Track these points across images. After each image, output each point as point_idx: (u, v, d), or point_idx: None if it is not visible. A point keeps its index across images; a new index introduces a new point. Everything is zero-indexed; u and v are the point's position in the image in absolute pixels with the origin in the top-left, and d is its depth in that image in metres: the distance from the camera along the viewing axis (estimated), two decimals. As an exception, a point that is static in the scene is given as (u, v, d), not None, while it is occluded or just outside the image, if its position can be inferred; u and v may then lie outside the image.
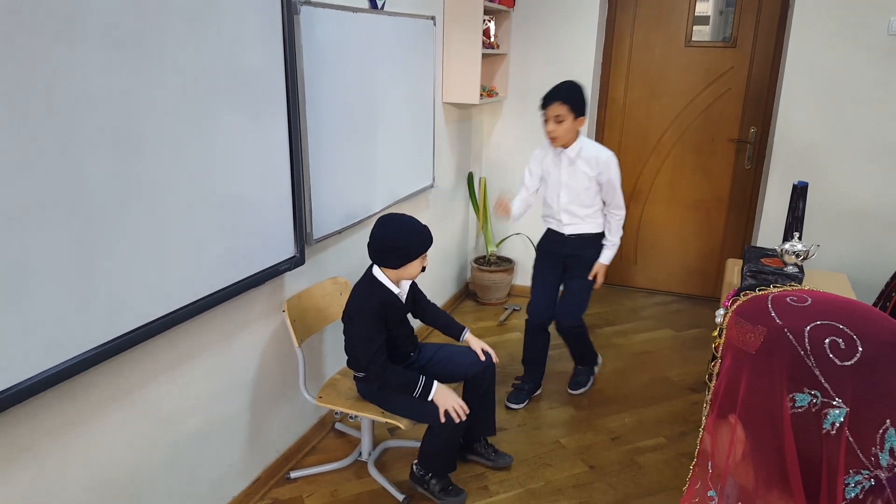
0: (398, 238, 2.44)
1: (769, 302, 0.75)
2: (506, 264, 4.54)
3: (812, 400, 0.69)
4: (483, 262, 4.54)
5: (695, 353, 3.88)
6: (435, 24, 3.55)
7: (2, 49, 1.41)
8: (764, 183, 4.15)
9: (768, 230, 4.05)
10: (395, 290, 2.52)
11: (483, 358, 2.66)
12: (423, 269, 2.55)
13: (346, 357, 2.59)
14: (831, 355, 0.69)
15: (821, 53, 3.71)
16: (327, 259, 2.88)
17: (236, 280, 2.24)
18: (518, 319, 4.26)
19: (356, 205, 2.98)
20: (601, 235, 3.13)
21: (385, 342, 2.43)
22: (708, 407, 0.81)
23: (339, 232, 2.86)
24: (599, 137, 4.63)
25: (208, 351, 2.27)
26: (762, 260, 2.70)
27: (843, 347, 0.69)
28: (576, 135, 2.97)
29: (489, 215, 4.58)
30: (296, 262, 2.52)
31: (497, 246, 4.63)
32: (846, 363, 0.68)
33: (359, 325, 2.44)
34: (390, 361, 2.43)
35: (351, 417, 2.96)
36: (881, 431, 0.68)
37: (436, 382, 2.40)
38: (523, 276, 4.56)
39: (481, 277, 4.46)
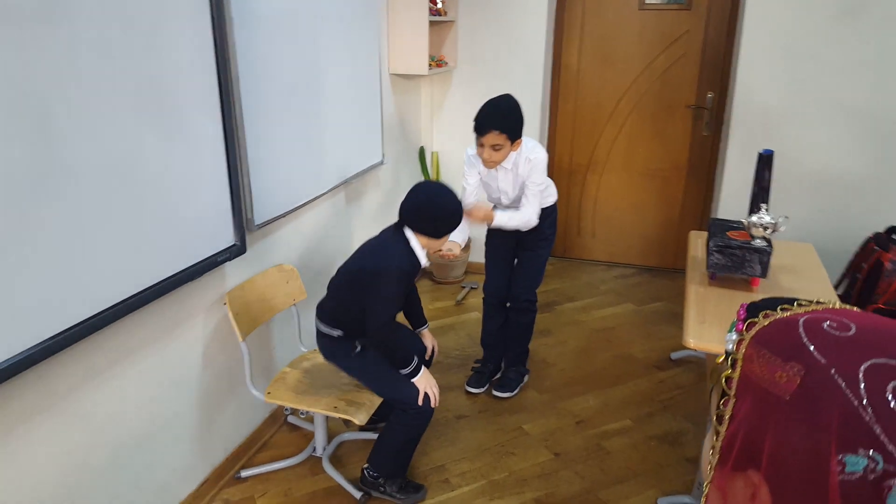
0: (447, 207, 2.30)
1: (801, 329, 0.58)
2: (462, 241, 4.40)
3: (869, 465, 0.51)
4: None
5: (658, 328, 3.81)
6: (380, -9, 3.35)
7: None
8: (723, 150, 4.08)
9: (729, 199, 3.99)
10: (423, 260, 2.37)
11: (429, 353, 2.64)
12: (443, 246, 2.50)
13: (325, 311, 2.41)
14: None
15: (778, 13, 3.62)
16: (272, 245, 2.70)
17: (169, 275, 2.05)
18: (476, 298, 4.14)
19: (301, 187, 2.79)
20: (551, 208, 2.98)
21: None
22: (716, 455, 0.63)
23: (284, 216, 2.68)
24: (553, 107, 4.50)
25: (144, 350, 2.09)
26: (728, 233, 2.61)
27: None
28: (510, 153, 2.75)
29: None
30: (236, 250, 2.34)
31: (453, 222, 4.48)
32: None
33: (388, 284, 2.27)
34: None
35: (302, 414, 2.82)
36: None
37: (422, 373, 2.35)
38: (479, 254, 4.42)
39: (436, 255, 4.31)
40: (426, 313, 3.90)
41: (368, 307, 2.29)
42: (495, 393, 3.15)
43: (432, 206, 2.30)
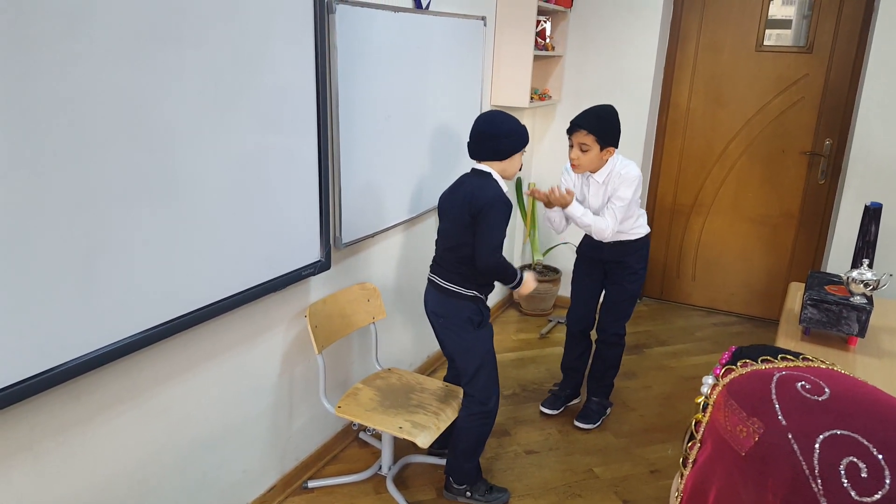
0: (507, 124, 2.40)
1: (773, 385, 0.55)
2: (552, 274, 4.37)
3: None
4: (528, 270, 4.37)
5: (751, 379, 3.60)
6: (485, 25, 3.42)
7: (9, 36, 1.37)
8: (838, 200, 3.84)
9: (840, 252, 3.74)
10: (504, 187, 2.44)
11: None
12: (520, 167, 2.52)
13: (449, 271, 2.48)
14: (847, 484, 0.48)
15: (907, 61, 3.39)
16: (357, 263, 2.79)
17: (256, 284, 2.17)
18: (561, 333, 4.08)
19: (391, 209, 2.88)
20: (642, 241, 2.96)
21: None
22: (679, 499, 0.62)
23: (371, 236, 2.77)
24: (659, 144, 4.40)
25: (226, 354, 2.21)
26: (826, 287, 2.45)
27: (864, 476, 0.49)
28: (602, 163, 2.77)
29: (537, 223, 4.41)
30: (321, 266, 2.44)
31: (544, 255, 4.45)
32: (865, 500, 0.48)
33: (497, 213, 2.35)
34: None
35: (368, 431, 2.87)
36: None
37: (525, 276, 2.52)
38: (568, 288, 4.37)
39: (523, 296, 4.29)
40: (510, 343, 3.93)
41: (480, 238, 2.36)
42: (577, 423, 3.13)
43: (493, 127, 2.39)
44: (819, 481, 0.50)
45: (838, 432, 0.51)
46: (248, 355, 2.31)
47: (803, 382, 0.55)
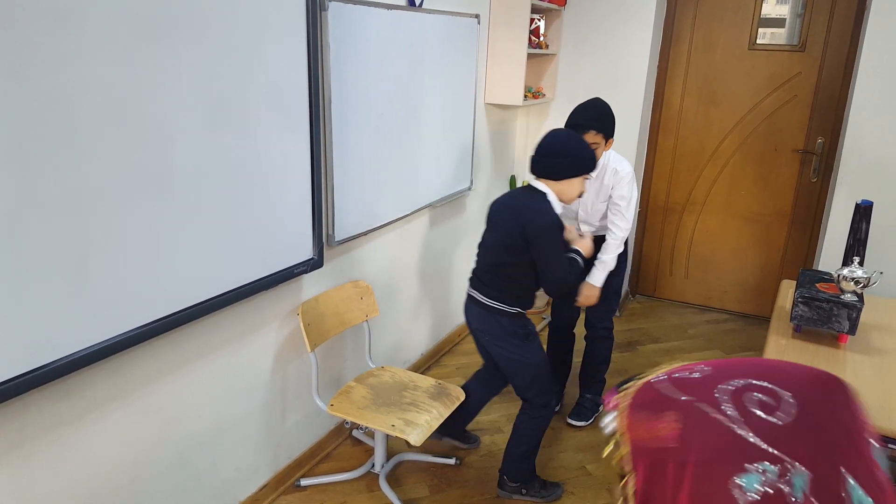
0: (571, 145, 2.33)
1: (661, 385, 0.63)
2: (547, 272, 4.37)
3: (763, 478, 0.54)
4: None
5: (743, 377, 3.62)
6: (479, 23, 3.42)
7: (2, 33, 1.36)
8: (830, 198, 3.85)
9: (832, 250, 3.75)
10: (558, 209, 2.36)
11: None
12: (581, 195, 2.42)
13: (491, 288, 2.43)
14: (763, 414, 0.57)
15: (898, 60, 3.40)
16: (350, 261, 2.79)
17: (248, 281, 2.17)
18: (556, 331, 4.08)
19: (385, 207, 2.88)
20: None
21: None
22: None
23: (365, 234, 2.76)
24: (652, 143, 4.41)
25: (217, 352, 2.21)
26: (817, 285, 2.47)
27: (772, 403, 0.58)
28: (599, 156, 2.78)
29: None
30: (313, 264, 2.44)
31: (539, 253, 4.45)
32: (784, 419, 0.57)
33: (555, 240, 2.31)
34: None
35: (363, 429, 2.87)
36: (843, 489, 0.55)
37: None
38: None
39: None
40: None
41: (546, 268, 2.32)
42: (570, 421, 3.16)
43: (551, 144, 2.34)
44: (741, 423, 0.58)
45: (730, 385, 0.60)
46: (241, 353, 2.31)
47: (678, 373, 0.65)
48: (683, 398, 0.60)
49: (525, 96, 3.74)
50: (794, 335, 2.42)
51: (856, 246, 2.47)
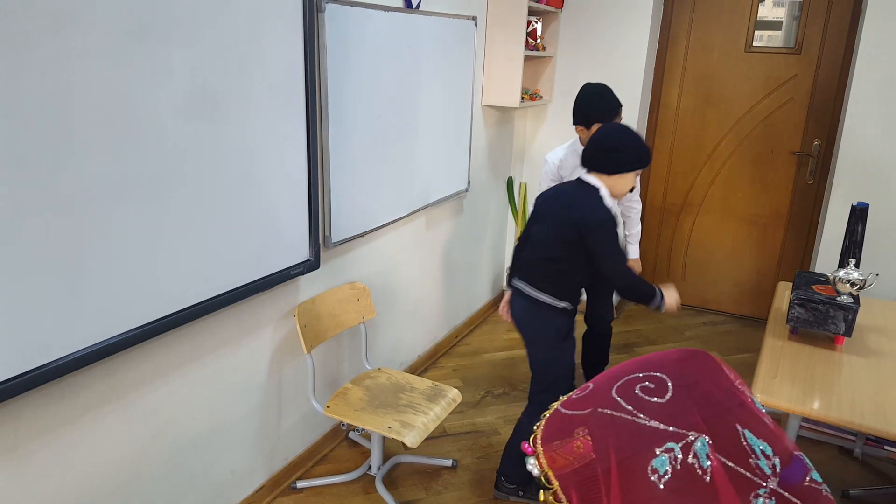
0: (625, 139, 2.29)
1: (561, 411, 0.70)
2: (544, 274, 4.37)
3: (671, 456, 0.61)
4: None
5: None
6: (476, 25, 3.42)
7: (-21, 38, 1.36)
8: (826, 200, 3.86)
9: (829, 252, 3.76)
10: (610, 203, 2.33)
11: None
12: (631, 190, 2.39)
13: (538, 279, 2.42)
14: (651, 398, 0.65)
15: (894, 61, 3.41)
16: (347, 262, 2.78)
17: (244, 283, 2.16)
18: (553, 333, 4.08)
19: (382, 208, 2.87)
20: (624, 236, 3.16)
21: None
22: None
23: (361, 235, 2.76)
24: (649, 144, 4.41)
25: (213, 354, 2.20)
26: (813, 287, 2.47)
27: (653, 387, 0.65)
28: None
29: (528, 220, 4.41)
30: (309, 266, 2.43)
31: (536, 255, 4.46)
32: (668, 397, 0.64)
33: (609, 230, 2.27)
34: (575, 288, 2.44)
35: (358, 431, 2.87)
36: (743, 440, 0.62)
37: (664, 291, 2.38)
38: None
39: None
40: (500, 343, 3.93)
41: (602, 257, 2.28)
42: None
43: (605, 137, 2.30)
44: (639, 413, 0.64)
45: (617, 383, 0.67)
46: (236, 355, 2.30)
47: (573, 395, 0.73)
48: (584, 412, 0.67)
49: (522, 98, 3.74)
50: (790, 337, 2.43)
51: (852, 248, 2.47)
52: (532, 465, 0.72)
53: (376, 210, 2.84)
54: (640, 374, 0.66)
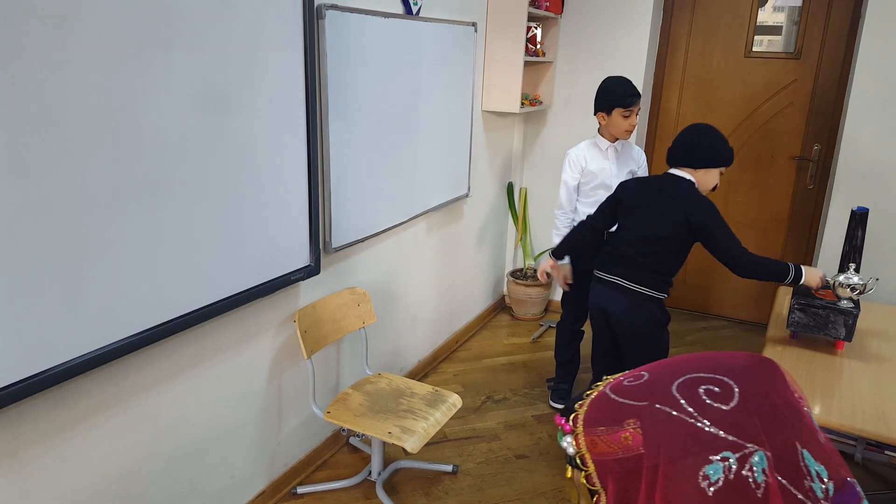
0: (711, 135, 2.42)
1: (610, 396, 0.65)
2: (544, 279, 4.37)
3: (726, 465, 0.58)
4: (520, 275, 4.38)
5: (741, 383, 3.62)
6: (476, 31, 3.43)
7: (-20, 45, 1.37)
8: (826, 205, 3.86)
9: (829, 256, 3.76)
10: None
11: None
12: (715, 188, 2.52)
13: (644, 275, 2.51)
14: (715, 403, 0.60)
15: (893, 66, 3.42)
16: (347, 268, 2.79)
17: (244, 288, 2.17)
18: (552, 338, 4.08)
19: (382, 214, 2.88)
20: None
21: None
22: None
23: (362, 241, 2.76)
24: (650, 150, 4.42)
25: (213, 359, 2.20)
26: (814, 291, 2.47)
27: (719, 391, 0.61)
28: None
29: (529, 227, 4.42)
30: (310, 271, 2.43)
31: (535, 259, 4.46)
32: (732, 405, 0.60)
33: (723, 222, 2.39)
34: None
35: (358, 436, 2.87)
36: (801, 460, 0.59)
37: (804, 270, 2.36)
38: (559, 292, 4.38)
39: (517, 291, 4.31)
40: (501, 348, 3.93)
41: (727, 252, 2.38)
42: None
43: (692, 132, 2.44)
44: (698, 416, 0.60)
45: (680, 379, 0.62)
46: (237, 360, 2.30)
47: (626, 379, 0.67)
48: (638, 403, 0.63)
49: (522, 103, 3.75)
50: (790, 342, 2.43)
51: (852, 252, 2.47)
52: (568, 444, 0.69)
53: (377, 215, 2.84)
54: (705, 375, 0.63)
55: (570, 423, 0.69)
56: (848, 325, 2.27)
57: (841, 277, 2.33)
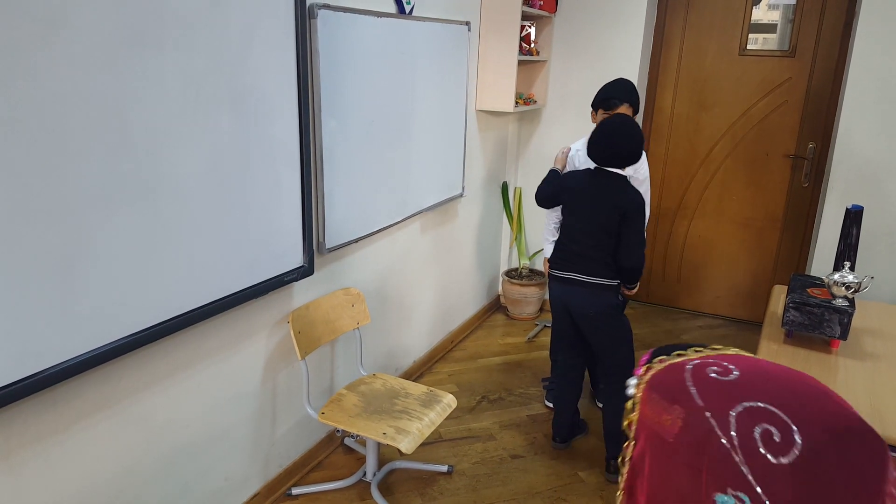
0: (638, 133, 2.54)
1: (687, 374, 0.60)
2: (538, 278, 4.37)
3: (735, 502, 0.54)
4: (514, 274, 4.38)
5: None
6: (469, 30, 3.42)
7: (-33, 45, 1.35)
8: (821, 203, 3.87)
9: (824, 255, 3.76)
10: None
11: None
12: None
13: (599, 264, 2.61)
14: (763, 450, 0.54)
15: (887, 64, 3.42)
16: (341, 268, 2.78)
17: (237, 290, 2.15)
18: (547, 337, 4.08)
19: (376, 214, 2.87)
20: None
21: None
22: (622, 495, 0.66)
23: (356, 241, 2.75)
24: (644, 148, 4.41)
25: (207, 361, 2.19)
26: (809, 290, 2.47)
27: (777, 440, 0.54)
28: None
29: (523, 226, 4.41)
30: (304, 272, 2.42)
31: (530, 259, 4.46)
32: (782, 460, 0.53)
33: (643, 216, 2.56)
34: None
35: (353, 437, 2.86)
36: None
37: None
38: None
39: (512, 291, 4.30)
40: (496, 348, 3.93)
41: (631, 241, 2.56)
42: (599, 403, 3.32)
43: (628, 138, 2.51)
44: (739, 451, 0.55)
45: (749, 405, 0.56)
46: (230, 362, 2.29)
47: (714, 368, 0.61)
48: (698, 402, 0.58)
49: (516, 103, 3.74)
50: (785, 340, 2.42)
51: (847, 251, 2.47)
52: (632, 387, 0.66)
53: (370, 215, 2.83)
54: (780, 414, 0.54)
55: (643, 371, 0.66)
56: (843, 324, 2.27)
57: (836, 276, 2.32)
